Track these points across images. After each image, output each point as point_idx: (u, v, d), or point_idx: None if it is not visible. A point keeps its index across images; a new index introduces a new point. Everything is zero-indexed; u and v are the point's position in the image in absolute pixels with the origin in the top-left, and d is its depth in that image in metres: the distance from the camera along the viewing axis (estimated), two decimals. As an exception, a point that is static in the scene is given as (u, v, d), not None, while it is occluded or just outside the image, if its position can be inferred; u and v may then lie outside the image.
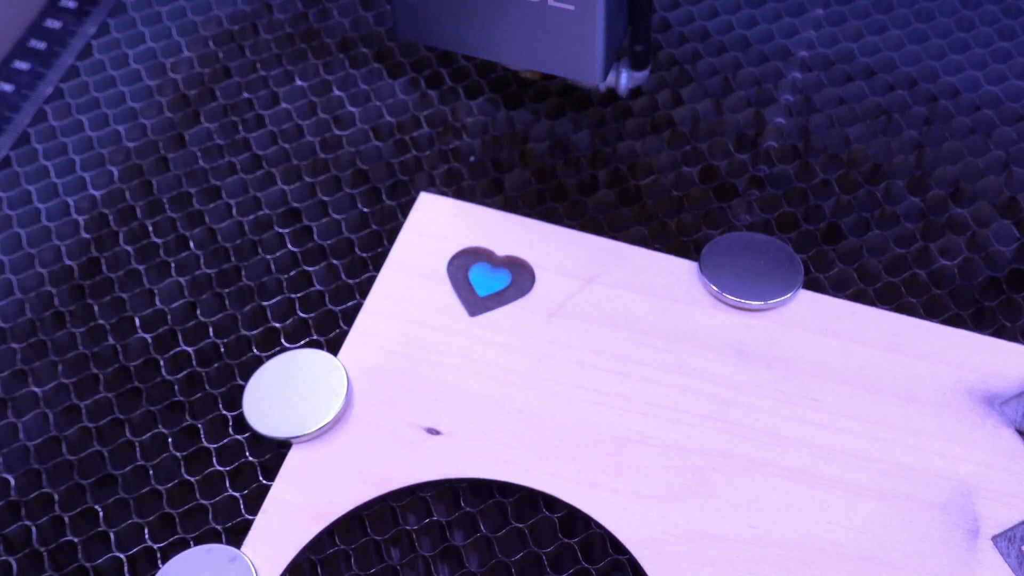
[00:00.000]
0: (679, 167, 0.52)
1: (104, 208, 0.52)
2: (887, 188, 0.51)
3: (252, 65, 0.56)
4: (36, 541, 0.43)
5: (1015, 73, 0.54)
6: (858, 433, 0.44)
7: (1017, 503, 0.42)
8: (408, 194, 0.52)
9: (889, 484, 0.43)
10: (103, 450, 0.45)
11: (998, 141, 0.52)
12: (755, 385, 0.45)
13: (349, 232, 0.51)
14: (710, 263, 0.48)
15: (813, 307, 0.47)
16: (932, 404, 0.45)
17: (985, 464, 0.43)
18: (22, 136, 0.54)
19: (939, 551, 0.42)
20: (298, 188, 0.52)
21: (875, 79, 0.54)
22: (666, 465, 0.44)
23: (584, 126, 0.54)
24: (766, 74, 0.55)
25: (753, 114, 0.54)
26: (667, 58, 0.56)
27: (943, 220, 0.50)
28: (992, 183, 0.51)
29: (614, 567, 0.42)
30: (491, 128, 0.54)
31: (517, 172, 0.52)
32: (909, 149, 0.52)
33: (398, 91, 0.55)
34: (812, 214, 0.51)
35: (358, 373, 0.46)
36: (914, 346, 0.46)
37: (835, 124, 0.53)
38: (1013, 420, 0.44)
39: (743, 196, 0.51)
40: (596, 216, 0.51)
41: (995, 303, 0.48)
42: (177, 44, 0.57)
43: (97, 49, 0.57)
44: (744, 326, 0.47)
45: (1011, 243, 0.50)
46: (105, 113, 0.55)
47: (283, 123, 0.54)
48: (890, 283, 0.49)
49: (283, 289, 0.49)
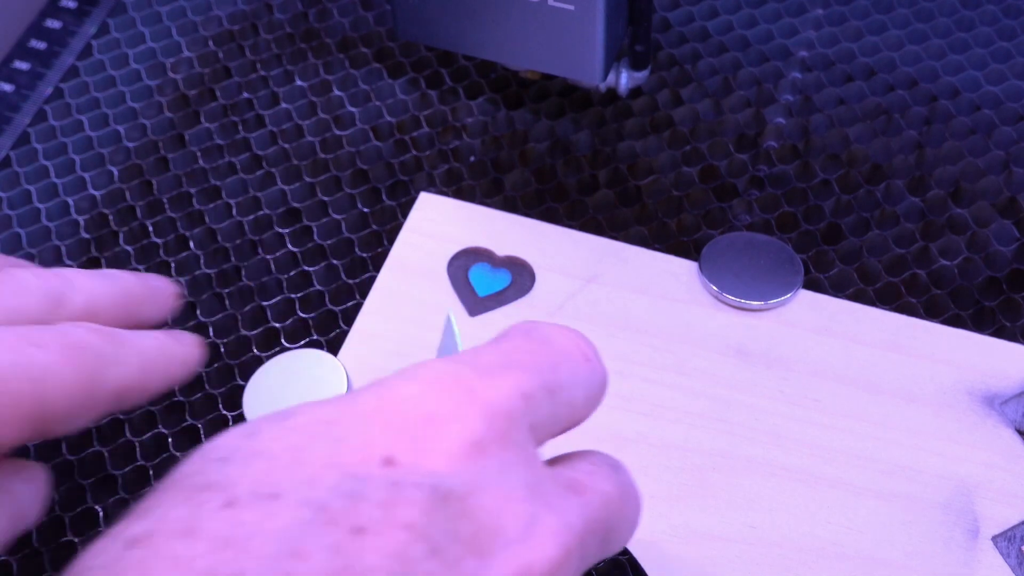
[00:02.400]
0: (679, 167, 0.52)
1: (104, 208, 0.52)
2: (887, 188, 0.51)
3: (252, 65, 0.56)
4: (36, 541, 0.43)
5: (1015, 73, 0.54)
6: (858, 433, 0.44)
7: (1017, 503, 0.42)
8: (408, 194, 0.52)
9: (889, 484, 0.43)
10: (103, 450, 0.45)
11: (998, 141, 0.52)
12: (755, 385, 0.45)
13: (349, 232, 0.51)
14: (710, 263, 0.48)
15: (813, 307, 0.47)
16: (932, 404, 0.45)
17: (985, 464, 0.43)
18: (22, 136, 0.54)
19: (939, 551, 0.42)
20: (298, 188, 0.52)
21: (875, 79, 0.54)
22: (666, 465, 0.44)
23: (584, 126, 0.54)
24: (766, 74, 0.55)
25: (753, 114, 0.54)
26: (667, 58, 0.56)
27: (943, 220, 0.50)
28: (992, 183, 0.51)
29: (614, 567, 0.42)
30: (491, 128, 0.54)
31: (517, 172, 0.52)
32: (909, 149, 0.52)
33: (398, 91, 0.55)
34: (812, 214, 0.51)
35: (358, 373, 0.46)
36: (914, 346, 0.46)
37: (835, 124, 0.53)
38: (1013, 420, 0.44)
39: (743, 196, 0.51)
40: (596, 216, 0.51)
41: (995, 303, 0.48)
42: (177, 44, 0.57)
43: (97, 49, 0.57)
44: (744, 326, 0.47)
45: (1011, 243, 0.50)
46: (105, 113, 0.55)
47: (283, 123, 0.54)
48: (890, 283, 0.49)
49: (283, 289, 0.49)
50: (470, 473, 0.27)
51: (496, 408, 0.28)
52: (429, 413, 0.27)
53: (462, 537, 0.26)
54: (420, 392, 0.28)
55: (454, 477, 0.27)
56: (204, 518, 0.25)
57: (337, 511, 0.25)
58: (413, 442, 0.27)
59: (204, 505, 0.25)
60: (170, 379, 0.35)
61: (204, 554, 0.24)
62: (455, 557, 0.26)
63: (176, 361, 0.35)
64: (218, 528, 0.25)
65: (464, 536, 0.26)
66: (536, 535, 0.27)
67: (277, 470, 0.26)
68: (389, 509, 0.25)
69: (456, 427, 0.27)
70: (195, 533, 0.24)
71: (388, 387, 0.28)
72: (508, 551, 0.26)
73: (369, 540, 0.25)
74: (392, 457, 0.26)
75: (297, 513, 0.25)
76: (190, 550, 0.24)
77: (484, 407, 0.28)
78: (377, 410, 0.27)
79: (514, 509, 0.27)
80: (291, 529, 0.25)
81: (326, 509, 0.25)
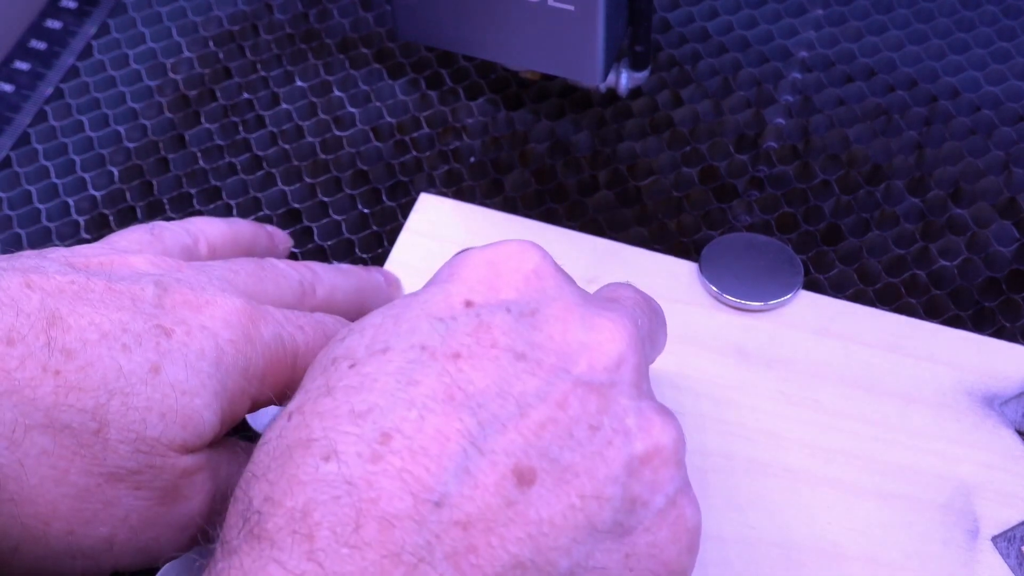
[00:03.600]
0: (679, 168, 0.52)
1: (104, 209, 0.52)
2: (887, 189, 0.51)
3: (252, 66, 0.56)
4: (36, 541, 0.43)
5: (1015, 73, 0.54)
6: (858, 434, 0.44)
7: (1017, 503, 0.42)
8: (408, 195, 0.52)
9: (889, 484, 0.43)
10: (103, 450, 0.45)
11: (998, 142, 0.52)
12: (755, 385, 0.45)
13: (349, 233, 0.51)
14: (710, 264, 0.48)
15: (813, 308, 0.47)
16: (932, 404, 0.45)
17: (985, 464, 0.43)
18: (22, 136, 0.54)
19: (939, 551, 0.42)
20: (298, 189, 0.52)
21: (875, 80, 0.55)
22: (666, 465, 0.44)
23: (584, 127, 0.54)
24: (766, 75, 0.55)
25: (753, 114, 0.54)
26: (667, 58, 0.56)
27: (943, 221, 0.50)
28: (992, 184, 0.51)
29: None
30: (491, 129, 0.54)
31: (517, 173, 0.52)
32: (909, 150, 0.52)
33: (398, 92, 0.55)
34: (812, 215, 0.51)
35: (358, 373, 0.46)
36: (914, 346, 0.46)
37: (835, 124, 0.53)
38: (1013, 420, 0.44)
39: (743, 197, 0.51)
40: (596, 217, 0.51)
41: (995, 303, 0.48)
42: (177, 44, 0.57)
43: (97, 49, 0.57)
44: (744, 327, 0.47)
45: (1011, 243, 0.50)
46: (105, 113, 0.55)
47: (283, 124, 0.54)
48: (890, 284, 0.49)
49: (283, 289, 0.49)
50: (533, 294, 0.34)
51: (546, 251, 0.36)
52: (492, 262, 0.35)
53: (538, 342, 0.33)
54: (482, 252, 0.35)
55: (521, 299, 0.34)
56: (336, 379, 0.32)
57: (436, 347, 0.32)
58: (484, 285, 0.34)
59: (335, 371, 0.32)
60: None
61: (342, 403, 0.31)
62: (537, 359, 0.32)
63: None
64: (349, 382, 0.32)
65: (540, 341, 0.33)
66: (597, 330, 0.33)
67: (384, 332, 0.33)
68: (476, 335, 0.32)
69: (515, 263, 0.35)
70: (332, 391, 0.31)
71: (456, 258, 0.36)
72: (580, 348, 0.33)
73: (465, 362, 0.32)
74: (471, 300, 0.34)
75: (405, 356, 0.32)
76: (331, 403, 0.31)
77: (538, 248, 0.36)
78: (451, 276, 0.35)
79: (574, 314, 0.33)
80: (403, 368, 0.32)
81: (427, 347, 0.32)
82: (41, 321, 0.34)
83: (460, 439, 0.30)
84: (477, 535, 0.29)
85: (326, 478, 0.29)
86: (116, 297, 0.36)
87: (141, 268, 0.38)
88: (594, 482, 0.31)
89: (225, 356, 0.36)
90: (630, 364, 0.33)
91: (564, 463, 0.31)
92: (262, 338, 0.37)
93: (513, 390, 0.31)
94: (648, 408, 0.33)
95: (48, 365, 0.34)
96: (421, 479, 0.29)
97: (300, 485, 0.30)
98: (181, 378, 0.35)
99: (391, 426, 0.30)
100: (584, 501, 0.31)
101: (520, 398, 0.31)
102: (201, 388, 0.35)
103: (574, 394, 0.32)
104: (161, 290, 0.37)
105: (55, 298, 0.35)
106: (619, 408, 0.33)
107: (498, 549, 0.30)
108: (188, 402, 0.35)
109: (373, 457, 0.30)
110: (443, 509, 0.29)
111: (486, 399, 0.31)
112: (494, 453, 0.30)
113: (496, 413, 0.31)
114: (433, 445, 0.30)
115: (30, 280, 0.35)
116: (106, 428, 0.34)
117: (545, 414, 0.31)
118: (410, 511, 0.29)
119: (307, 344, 0.39)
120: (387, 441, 0.30)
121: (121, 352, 0.35)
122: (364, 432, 0.30)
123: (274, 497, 0.30)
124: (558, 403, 0.31)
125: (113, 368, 0.34)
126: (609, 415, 0.32)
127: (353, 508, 0.29)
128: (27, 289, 0.35)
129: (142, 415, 0.34)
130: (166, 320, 0.36)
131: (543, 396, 0.31)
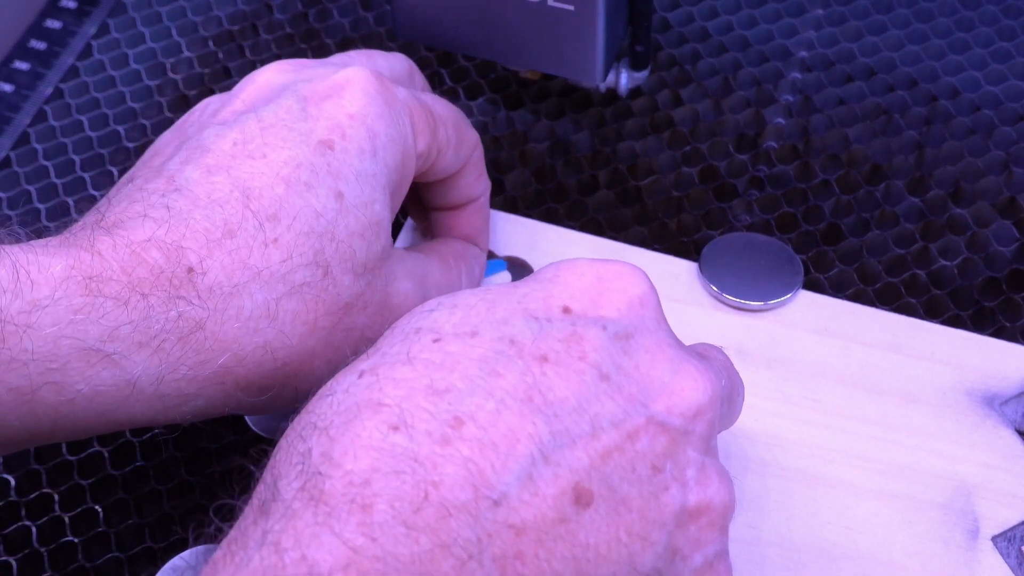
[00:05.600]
0: (679, 167, 0.52)
1: (104, 208, 0.52)
2: (887, 188, 0.51)
3: (252, 65, 0.56)
4: (36, 541, 0.43)
5: (1015, 73, 0.54)
6: (858, 433, 0.44)
7: (1017, 503, 0.42)
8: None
9: (889, 484, 0.43)
10: (103, 450, 0.45)
11: (998, 141, 0.52)
12: (755, 385, 0.45)
13: (349, 232, 0.51)
14: (710, 263, 0.48)
15: (813, 307, 0.47)
16: (932, 404, 0.45)
17: (985, 464, 0.43)
18: (22, 136, 0.54)
19: (939, 551, 0.42)
20: (298, 188, 0.52)
21: (875, 79, 0.55)
22: (666, 465, 0.44)
23: (584, 126, 0.54)
24: (766, 74, 0.55)
25: (753, 114, 0.54)
26: (667, 58, 0.56)
27: (943, 220, 0.50)
28: (992, 183, 0.51)
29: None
30: (491, 128, 0.54)
31: (517, 173, 0.52)
32: (909, 149, 0.52)
33: (398, 91, 0.55)
34: (812, 214, 0.51)
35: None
36: (914, 346, 0.46)
37: (835, 124, 0.53)
38: (1013, 420, 0.44)
39: (743, 196, 0.51)
40: (596, 217, 0.51)
41: (995, 303, 0.48)
42: (177, 44, 0.57)
43: (97, 49, 0.57)
44: (744, 326, 0.47)
45: (1011, 243, 0.50)
46: (105, 113, 0.55)
47: (283, 123, 0.54)
48: (890, 283, 0.49)
49: (283, 289, 0.49)
50: (632, 320, 0.33)
51: (654, 284, 0.35)
52: (600, 276, 0.34)
53: (625, 368, 0.32)
54: (591, 263, 0.35)
55: (619, 321, 0.33)
56: (418, 350, 0.31)
57: (525, 344, 0.31)
58: (586, 296, 0.33)
59: (417, 342, 0.32)
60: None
61: (422, 374, 0.30)
62: (620, 384, 0.32)
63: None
64: (430, 356, 0.31)
65: (627, 368, 0.32)
66: (683, 376, 0.33)
67: (474, 315, 0.32)
68: (567, 343, 0.32)
69: (622, 284, 0.34)
70: (412, 361, 0.31)
71: (564, 263, 0.35)
72: (663, 388, 0.33)
73: (550, 367, 0.31)
74: (569, 307, 0.33)
75: (493, 345, 0.31)
76: (410, 373, 0.31)
77: (648, 278, 0.35)
78: (554, 277, 0.34)
79: (666, 353, 0.33)
80: (488, 357, 0.31)
81: (516, 343, 0.31)
82: (239, 202, 0.37)
83: (530, 443, 0.30)
84: (527, 543, 0.29)
85: (393, 449, 0.29)
86: (273, 134, 0.38)
87: (275, 81, 0.41)
88: (644, 522, 0.31)
89: (378, 138, 0.39)
90: (706, 418, 0.33)
91: (621, 495, 0.31)
92: (397, 98, 0.40)
93: (590, 408, 0.31)
94: (710, 466, 0.33)
95: (267, 239, 0.36)
96: (485, 474, 0.29)
97: (364, 450, 0.29)
98: (358, 192, 0.38)
99: (466, 412, 0.30)
100: (631, 538, 0.31)
101: (595, 419, 0.31)
102: (375, 192, 0.38)
103: (646, 430, 0.32)
104: (301, 99, 0.39)
105: (233, 168, 0.37)
106: (684, 457, 0.32)
107: (544, 562, 0.29)
108: (373, 212, 0.38)
109: (443, 440, 0.29)
110: (500, 509, 0.29)
111: (562, 410, 0.31)
112: (559, 466, 0.30)
113: (568, 427, 0.30)
114: (503, 442, 0.29)
115: (208, 165, 0.37)
116: (330, 270, 0.37)
117: (614, 441, 0.31)
118: (468, 504, 0.28)
119: (439, 112, 0.41)
120: (459, 426, 0.29)
121: (308, 192, 0.37)
122: (439, 411, 0.30)
123: (333, 456, 0.29)
124: (629, 434, 0.31)
125: (311, 214, 0.37)
126: (673, 460, 0.32)
127: (416, 488, 0.28)
128: (210, 175, 0.37)
129: (348, 244, 0.37)
130: (320, 129, 0.38)
131: (617, 423, 0.31)
